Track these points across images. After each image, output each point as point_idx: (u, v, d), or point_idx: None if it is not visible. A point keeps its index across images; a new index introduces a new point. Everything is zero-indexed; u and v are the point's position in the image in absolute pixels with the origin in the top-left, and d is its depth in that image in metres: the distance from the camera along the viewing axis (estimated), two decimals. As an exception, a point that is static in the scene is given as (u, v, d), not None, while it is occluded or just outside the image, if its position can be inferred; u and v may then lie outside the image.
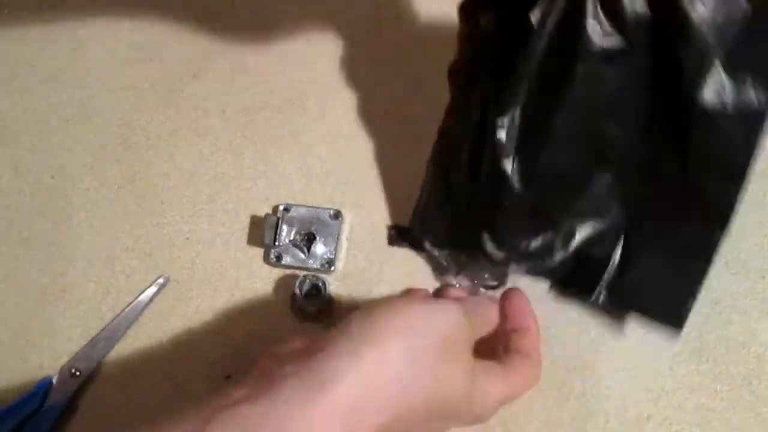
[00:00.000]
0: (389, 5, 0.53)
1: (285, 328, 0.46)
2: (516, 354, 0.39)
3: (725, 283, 0.46)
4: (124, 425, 0.44)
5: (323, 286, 0.45)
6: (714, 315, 0.46)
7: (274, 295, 0.47)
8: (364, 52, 0.52)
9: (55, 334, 0.46)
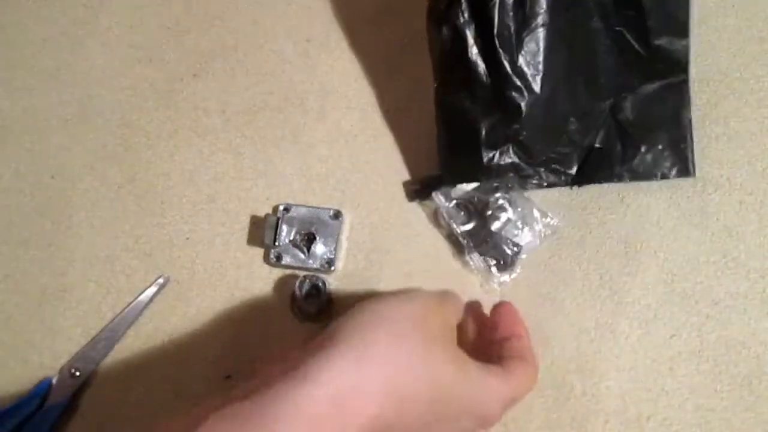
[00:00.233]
0: (389, 5, 0.53)
1: (285, 328, 0.46)
2: (511, 359, 0.40)
3: (725, 283, 0.46)
4: (124, 425, 0.44)
5: (323, 286, 0.45)
6: (714, 315, 0.46)
7: (274, 295, 0.47)
8: (365, 52, 0.52)
9: (55, 334, 0.46)
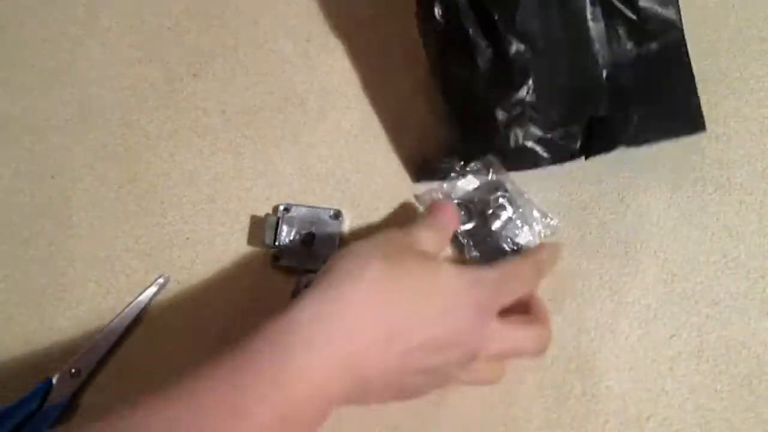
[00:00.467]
0: (390, 5, 0.53)
1: (285, 328, 0.46)
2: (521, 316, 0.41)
3: (725, 283, 0.46)
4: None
5: (323, 286, 0.45)
6: (714, 315, 0.46)
7: (274, 295, 0.47)
8: (365, 52, 0.52)
9: (55, 334, 0.46)
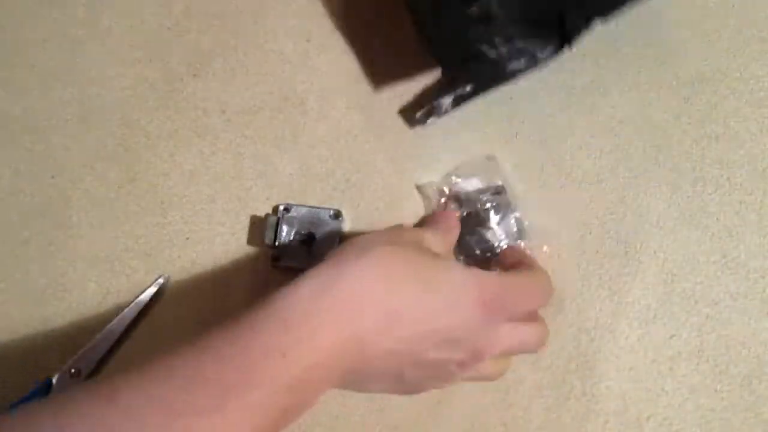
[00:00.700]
0: (389, 5, 0.53)
1: (285, 328, 0.46)
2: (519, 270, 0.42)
3: (725, 283, 0.46)
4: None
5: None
6: (714, 315, 0.46)
7: (274, 295, 0.47)
8: (365, 52, 0.52)
9: (55, 334, 0.46)
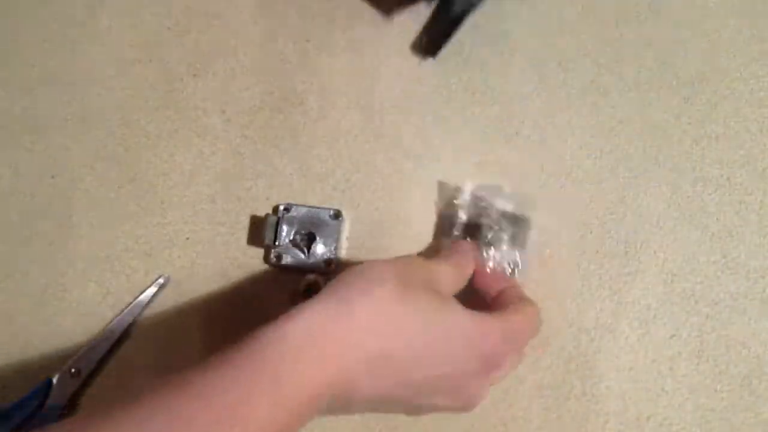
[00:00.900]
0: (389, 4, 0.53)
1: (285, 328, 0.46)
2: (508, 304, 0.41)
3: (725, 283, 0.46)
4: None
5: (323, 286, 0.44)
6: (714, 315, 0.46)
7: (274, 295, 0.47)
8: (365, 52, 0.52)
9: (55, 334, 0.46)
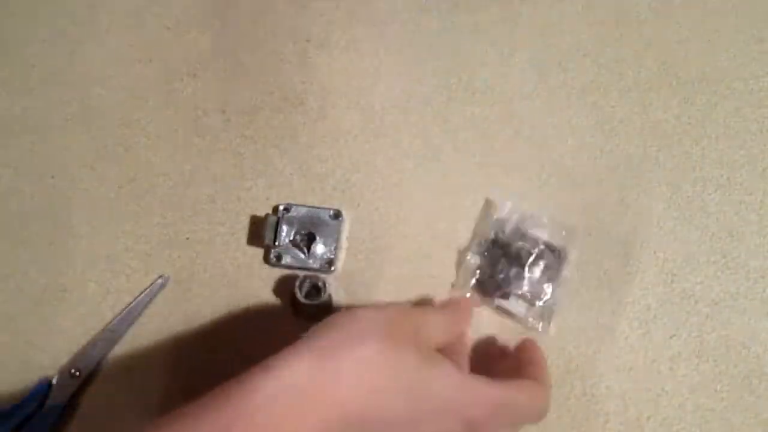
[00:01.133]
0: (389, 4, 0.53)
1: (285, 328, 0.46)
2: (521, 377, 0.40)
3: (725, 283, 0.46)
4: (124, 425, 0.44)
5: (323, 286, 0.45)
6: (714, 315, 0.46)
7: (274, 295, 0.47)
8: (365, 52, 0.52)
9: (55, 334, 0.46)
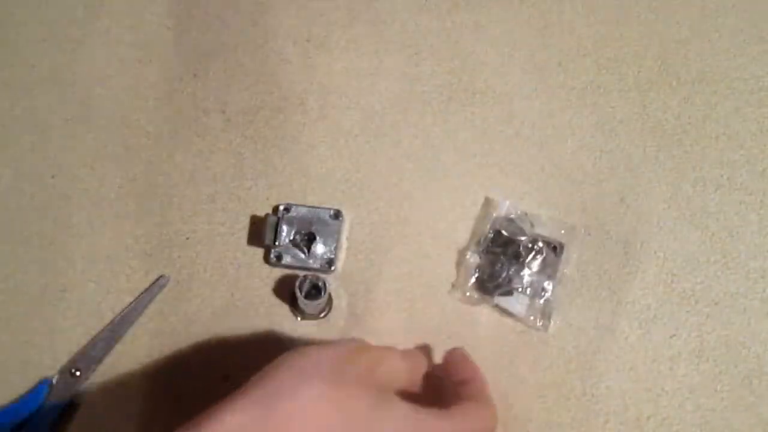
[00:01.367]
0: (389, 4, 0.53)
1: (285, 328, 0.46)
2: (463, 401, 0.39)
3: (725, 283, 0.46)
4: (124, 425, 0.44)
5: (323, 286, 0.45)
6: (714, 315, 0.46)
7: (274, 295, 0.47)
8: (365, 52, 0.52)
9: (55, 334, 0.46)
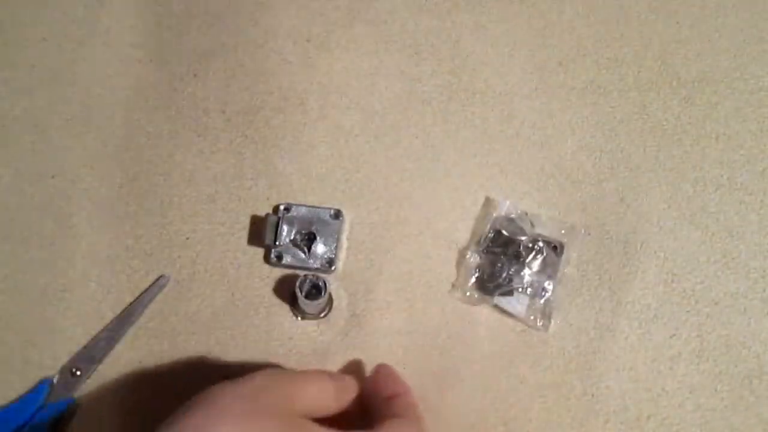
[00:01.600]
0: (389, 4, 0.53)
1: (285, 328, 0.46)
2: (389, 418, 0.39)
3: (725, 283, 0.46)
4: (125, 425, 0.44)
5: (323, 286, 0.45)
6: (714, 315, 0.46)
7: (274, 295, 0.47)
8: (365, 52, 0.52)
9: (55, 334, 0.46)
